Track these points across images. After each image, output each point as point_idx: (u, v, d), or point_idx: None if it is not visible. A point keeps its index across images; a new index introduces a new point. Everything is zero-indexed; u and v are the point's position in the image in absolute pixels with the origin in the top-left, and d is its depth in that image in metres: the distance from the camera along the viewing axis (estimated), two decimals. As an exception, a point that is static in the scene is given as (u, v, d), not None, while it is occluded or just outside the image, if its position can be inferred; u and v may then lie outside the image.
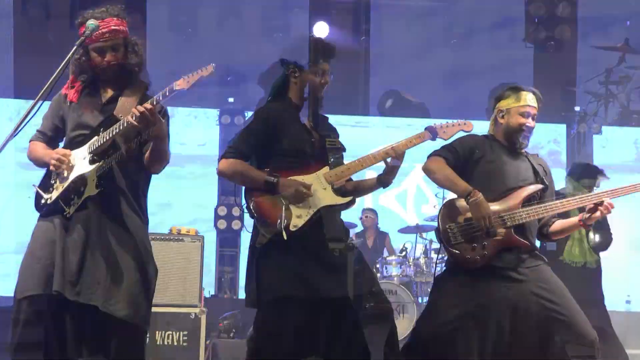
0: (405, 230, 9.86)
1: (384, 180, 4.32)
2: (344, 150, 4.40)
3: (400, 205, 11.47)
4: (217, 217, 10.74)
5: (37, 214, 4.24)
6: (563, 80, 11.26)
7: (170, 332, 6.92)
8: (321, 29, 9.70)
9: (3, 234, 10.23)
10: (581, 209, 4.64)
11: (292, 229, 4.07)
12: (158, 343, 6.88)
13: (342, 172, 4.24)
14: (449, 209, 4.53)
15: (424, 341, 4.50)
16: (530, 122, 4.59)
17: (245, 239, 4.47)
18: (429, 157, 4.60)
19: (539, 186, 4.60)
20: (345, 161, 4.36)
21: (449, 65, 11.44)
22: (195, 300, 7.06)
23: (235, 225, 10.59)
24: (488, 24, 11.29)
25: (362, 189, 4.45)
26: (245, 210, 4.21)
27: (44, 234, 4.11)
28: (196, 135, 11.45)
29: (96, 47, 4.17)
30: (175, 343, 6.93)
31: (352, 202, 4.27)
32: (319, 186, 4.18)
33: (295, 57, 4.39)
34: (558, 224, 4.70)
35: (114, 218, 4.15)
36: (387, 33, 11.09)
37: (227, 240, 10.96)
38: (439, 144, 4.60)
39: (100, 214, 4.13)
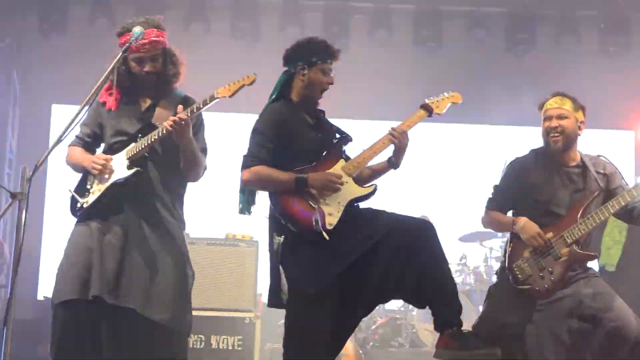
0: (467, 238, 9.63)
1: (394, 162, 4.23)
2: (351, 140, 4.26)
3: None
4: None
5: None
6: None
7: (226, 337, 6.87)
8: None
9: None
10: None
11: (329, 227, 3.93)
12: (214, 347, 6.86)
13: (359, 163, 4.12)
14: (515, 246, 4.51)
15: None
16: (553, 122, 4.57)
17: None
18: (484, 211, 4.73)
19: (595, 193, 4.51)
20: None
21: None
22: (250, 305, 6.99)
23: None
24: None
25: (378, 173, 4.30)
26: (266, 216, 4.11)
27: (81, 239, 4.09)
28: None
29: (136, 57, 4.16)
30: (230, 347, 6.88)
31: (375, 190, 4.12)
32: (343, 180, 4.04)
33: None
34: None
35: (151, 223, 4.13)
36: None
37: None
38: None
39: (137, 219, 4.11)
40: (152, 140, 4.05)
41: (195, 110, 4.00)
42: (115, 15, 10.11)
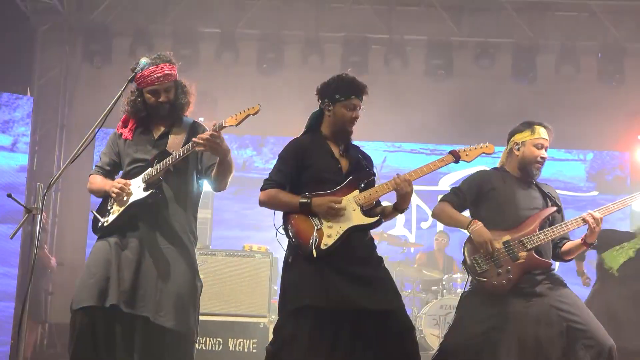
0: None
1: (399, 207, 4.28)
2: (374, 175, 4.36)
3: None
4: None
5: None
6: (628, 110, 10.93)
7: (242, 340, 7.02)
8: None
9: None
10: None
11: (322, 247, 4.06)
12: (231, 349, 7.04)
13: (371, 195, 4.21)
14: (472, 242, 4.50)
15: (452, 353, 4.46)
16: (544, 153, 4.62)
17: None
18: (438, 202, 4.70)
19: (553, 208, 4.61)
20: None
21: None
22: (264, 310, 7.16)
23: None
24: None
25: (386, 214, 4.38)
26: (281, 232, 4.21)
27: (100, 253, 4.25)
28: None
29: (151, 89, 4.33)
30: (246, 350, 7.03)
31: (379, 222, 4.22)
32: (350, 208, 4.16)
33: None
34: (566, 245, 4.67)
35: (165, 238, 4.28)
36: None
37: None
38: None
39: (152, 234, 4.27)
40: (167, 164, 4.21)
41: (217, 130, 4.10)
42: (154, 46, 10.34)
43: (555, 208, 4.60)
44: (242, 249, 7.41)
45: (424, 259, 10.05)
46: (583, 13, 10.60)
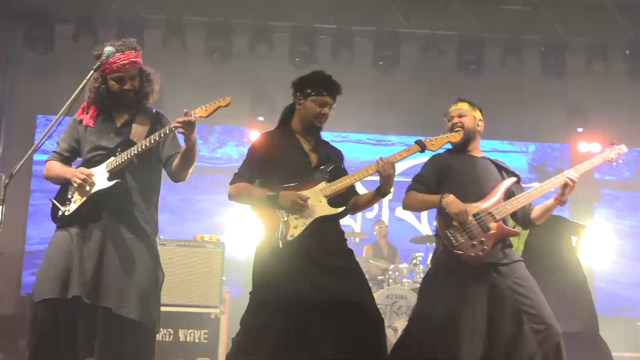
0: (418, 239, 9.81)
1: (382, 191, 4.34)
2: (340, 167, 4.43)
3: (415, 217, 11.43)
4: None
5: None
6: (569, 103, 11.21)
7: (192, 331, 7.00)
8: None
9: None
10: None
11: (289, 238, 4.12)
12: (181, 340, 7.00)
13: (337, 186, 4.27)
14: (443, 217, 4.57)
15: (417, 338, 4.51)
16: (455, 119, 4.81)
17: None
18: (405, 194, 4.75)
19: (513, 179, 4.74)
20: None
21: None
22: (215, 301, 7.14)
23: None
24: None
25: (362, 202, 4.46)
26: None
27: (61, 244, 4.20)
28: (231, 151, 11.55)
29: (116, 76, 4.29)
30: (197, 340, 7.01)
31: (345, 212, 4.30)
32: (316, 200, 4.21)
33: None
34: (537, 209, 4.76)
35: (128, 228, 4.26)
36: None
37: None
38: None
39: (115, 225, 4.24)
40: (133, 154, 4.18)
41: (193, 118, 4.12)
42: (98, 33, 10.22)
43: (515, 179, 4.73)
44: (193, 239, 7.36)
45: (370, 251, 10.17)
46: (527, 7, 10.77)
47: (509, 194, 4.67)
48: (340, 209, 4.26)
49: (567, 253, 6.85)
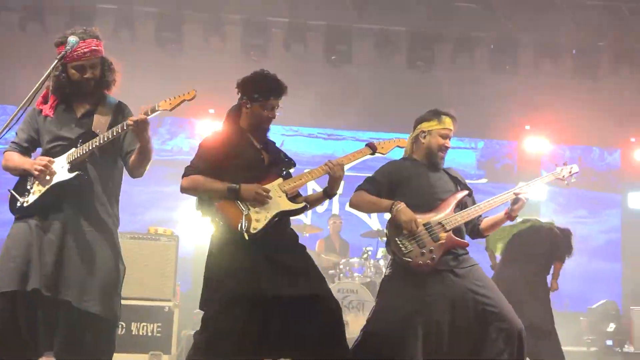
0: (368, 234, 9.90)
1: (328, 192, 4.39)
2: (294, 165, 4.45)
3: (365, 211, 11.51)
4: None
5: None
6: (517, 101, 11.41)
7: (145, 324, 6.95)
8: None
9: None
10: None
11: (252, 231, 4.09)
12: (134, 333, 6.93)
13: (295, 183, 4.29)
14: (394, 224, 4.60)
15: (375, 339, 4.52)
16: (448, 142, 4.80)
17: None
18: (354, 192, 4.75)
19: (465, 192, 4.80)
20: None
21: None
22: (169, 295, 7.10)
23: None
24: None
25: (310, 202, 4.47)
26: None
27: (21, 235, 4.12)
28: (181, 143, 11.48)
29: (77, 65, 4.21)
30: (150, 334, 6.95)
31: (305, 207, 4.31)
32: (275, 194, 4.22)
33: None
34: (487, 221, 4.85)
35: (89, 221, 4.18)
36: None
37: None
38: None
39: (75, 217, 4.15)
40: (95, 146, 4.11)
41: (149, 114, 4.09)
42: (46, 21, 10.04)
43: (467, 192, 4.80)
44: (146, 232, 7.30)
45: (323, 245, 10.22)
46: (479, 5, 10.92)
47: (461, 206, 4.74)
48: (302, 204, 4.28)
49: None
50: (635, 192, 12.39)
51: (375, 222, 11.27)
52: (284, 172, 4.33)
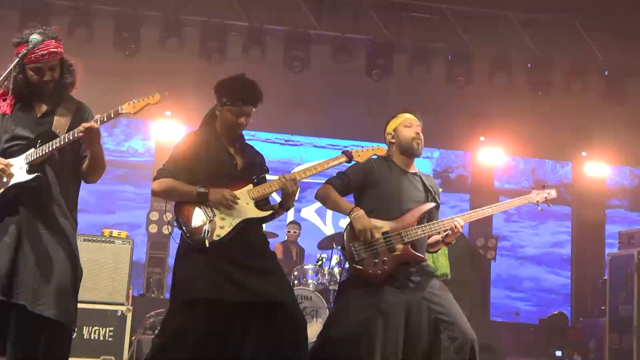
0: (324, 242, 9.91)
1: (284, 206, 4.37)
2: (268, 171, 4.44)
3: (319, 218, 11.55)
4: (149, 221, 10.65)
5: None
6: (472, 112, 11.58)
7: (97, 328, 6.87)
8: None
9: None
10: None
11: (215, 238, 4.09)
12: (85, 337, 6.83)
13: (264, 190, 4.27)
14: (352, 229, 4.60)
15: (332, 343, 4.53)
16: (416, 128, 4.74)
17: (174, 243, 4.43)
18: (322, 184, 4.74)
19: (432, 204, 4.75)
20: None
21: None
22: (122, 298, 7.02)
23: (166, 229, 10.49)
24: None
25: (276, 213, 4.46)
26: (175, 224, 4.21)
27: None
28: (137, 145, 11.38)
29: (35, 67, 4.10)
30: (102, 338, 6.88)
31: (272, 215, 4.29)
32: (243, 201, 4.20)
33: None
34: (431, 239, 4.84)
35: (45, 223, 4.07)
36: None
37: (157, 244, 10.88)
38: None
39: (32, 219, 4.05)
40: (55, 147, 4.02)
41: (99, 123, 4.00)
42: None
43: (434, 204, 4.75)
44: (101, 234, 7.22)
45: (280, 250, 10.21)
46: (435, 16, 11.06)
47: (424, 218, 4.70)
48: (268, 212, 4.26)
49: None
50: (585, 205, 12.65)
51: (330, 229, 11.32)
52: (255, 179, 4.30)
